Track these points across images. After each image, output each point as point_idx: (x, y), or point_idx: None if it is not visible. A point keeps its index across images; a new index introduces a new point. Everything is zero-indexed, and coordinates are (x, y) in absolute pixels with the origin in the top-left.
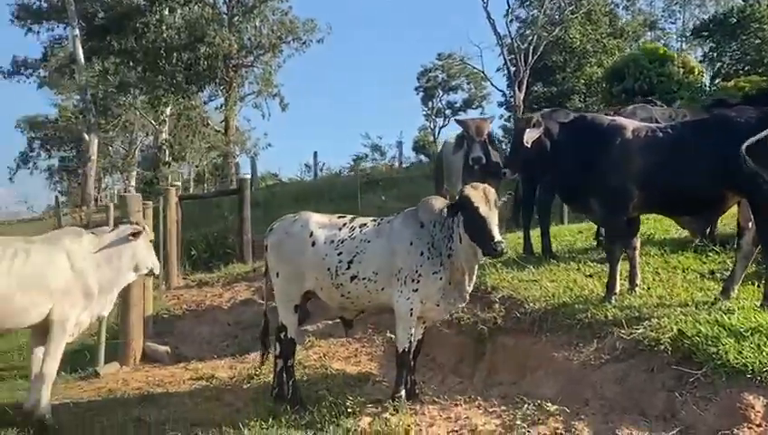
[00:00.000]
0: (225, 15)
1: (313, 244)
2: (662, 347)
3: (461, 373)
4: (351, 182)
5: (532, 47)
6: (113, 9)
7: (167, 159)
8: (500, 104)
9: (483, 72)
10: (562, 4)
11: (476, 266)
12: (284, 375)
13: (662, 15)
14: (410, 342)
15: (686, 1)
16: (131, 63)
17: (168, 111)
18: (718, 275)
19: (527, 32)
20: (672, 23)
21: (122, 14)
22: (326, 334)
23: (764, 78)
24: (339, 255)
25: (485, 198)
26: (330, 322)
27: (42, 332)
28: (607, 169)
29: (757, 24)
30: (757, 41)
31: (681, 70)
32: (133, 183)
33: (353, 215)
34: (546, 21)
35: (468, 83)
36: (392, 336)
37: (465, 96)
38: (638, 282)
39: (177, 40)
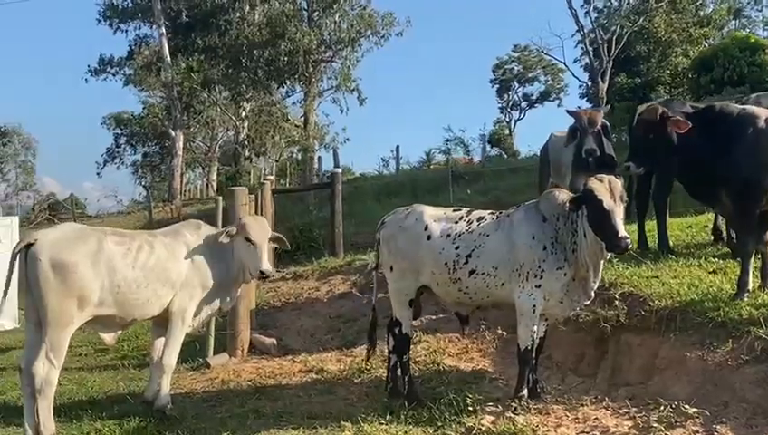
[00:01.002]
0: (305, 11)
1: (429, 237)
2: None
3: (581, 373)
4: (434, 176)
5: (614, 37)
6: (198, 7)
7: (247, 153)
8: (581, 96)
9: (564, 63)
10: None
11: (602, 262)
12: (399, 371)
13: (747, 3)
14: (533, 339)
15: None
16: (214, 61)
17: (248, 106)
18: None
19: (609, 21)
20: (758, 10)
21: (206, 12)
22: (432, 329)
23: None
24: (456, 249)
25: (610, 191)
26: (433, 317)
27: (162, 323)
28: (739, 159)
29: None
30: None
31: None
32: (214, 177)
33: (468, 208)
34: (630, 10)
35: (545, 75)
36: (503, 333)
37: (542, 88)
38: None
39: (258, 36)
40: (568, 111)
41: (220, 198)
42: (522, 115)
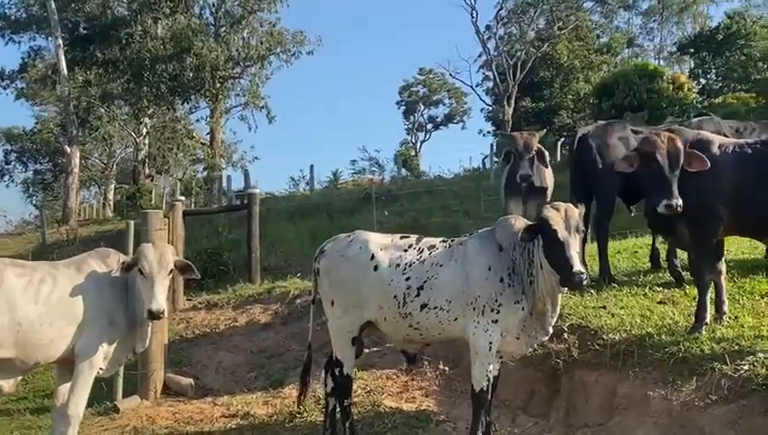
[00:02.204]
0: (211, 26)
1: (376, 268)
2: None
3: (533, 412)
4: (349, 197)
5: (520, 63)
6: (97, 19)
7: (147, 171)
8: (487, 119)
9: (472, 87)
10: (550, 20)
11: (560, 296)
12: (338, 416)
13: (639, 33)
14: (489, 379)
15: (663, 18)
16: (114, 74)
17: (149, 123)
18: None
19: (515, 47)
20: (650, 40)
21: (106, 24)
22: (367, 365)
23: (751, 95)
24: (407, 280)
25: (566, 221)
26: (366, 350)
27: (68, 366)
28: (693, 188)
29: (743, 40)
30: (743, 57)
31: (671, 86)
32: (111, 196)
33: (417, 235)
34: (534, 37)
35: (449, 98)
36: (445, 368)
37: (447, 111)
38: (725, 310)
39: (162, 50)
40: (503, 134)
41: (132, 222)
42: (427, 137)
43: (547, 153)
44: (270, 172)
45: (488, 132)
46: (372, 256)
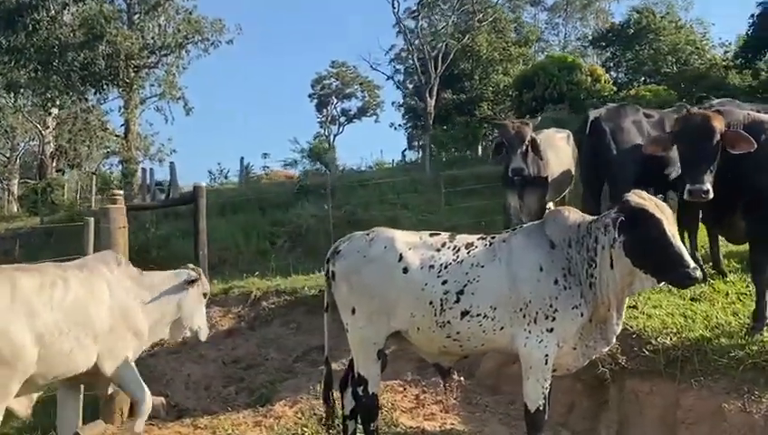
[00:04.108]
0: (125, 13)
1: (405, 270)
2: None
3: (576, 428)
4: (280, 190)
5: (441, 55)
6: (0, 4)
7: (56, 165)
8: (406, 112)
9: (392, 79)
10: (469, 12)
11: (627, 299)
12: None
13: (545, 28)
14: (545, 397)
15: (568, 14)
16: (21, 62)
17: (57, 113)
18: None
19: (435, 39)
20: (555, 35)
21: (11, 9)
22: None
23: (663, 87)
24: (443, 284)
25: (662, 211)
26: None
27: (76, 389)
28: (753, 173)
29: (653, 34)
30: (651, 51)
31: (589, 78)
32: (15, 191)
33: (450, 232)
34: (454, 29)
35: (362, 91)
36: (461, 379)
37: (360, 104)
38: None
39: (72, 38)
40: (495, 124)
41: (91, 219)
42: (340, 130)
43: (546, 142)
44: (185, 165)
45: (400, 125)
46: (400, 257)
